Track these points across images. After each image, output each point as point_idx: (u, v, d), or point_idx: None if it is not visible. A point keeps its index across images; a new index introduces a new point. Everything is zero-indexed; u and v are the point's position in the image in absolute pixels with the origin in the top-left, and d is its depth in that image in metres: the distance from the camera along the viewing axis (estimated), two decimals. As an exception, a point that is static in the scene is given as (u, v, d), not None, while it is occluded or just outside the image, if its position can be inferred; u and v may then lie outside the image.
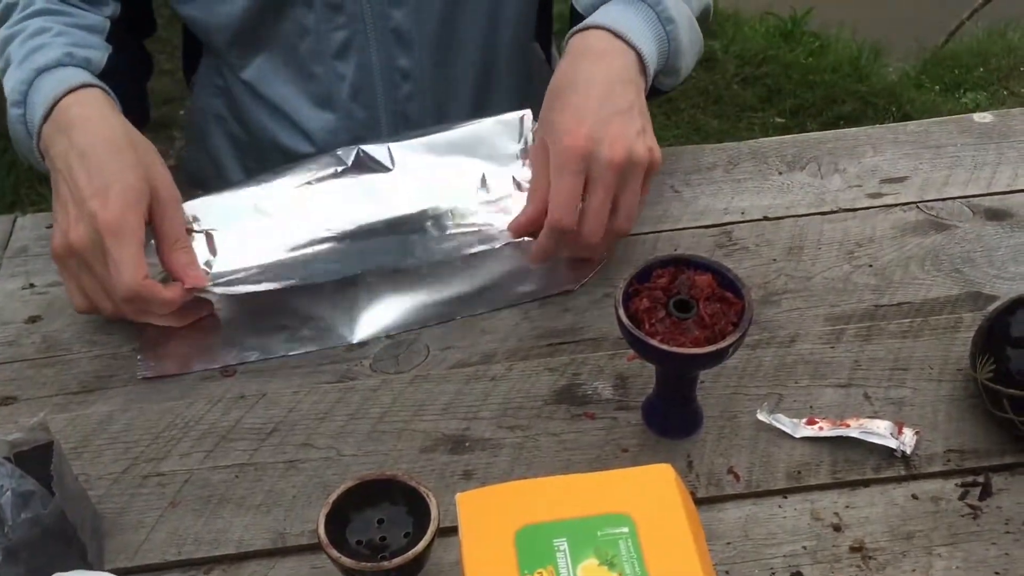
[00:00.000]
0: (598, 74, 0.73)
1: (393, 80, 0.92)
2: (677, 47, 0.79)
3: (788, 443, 0.65)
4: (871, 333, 0.71)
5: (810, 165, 0.86)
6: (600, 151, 0.69)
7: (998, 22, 3.18)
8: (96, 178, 0.69)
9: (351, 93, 0.92)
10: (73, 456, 0.65)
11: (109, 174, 0.69)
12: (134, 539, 0.61)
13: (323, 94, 0.93)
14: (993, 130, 0.88)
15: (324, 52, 0.90)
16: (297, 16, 0.88)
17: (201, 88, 1.00)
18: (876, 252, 0.77)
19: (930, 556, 0.58)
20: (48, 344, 0.73)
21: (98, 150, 0.71)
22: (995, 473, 0.62)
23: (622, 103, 0.72)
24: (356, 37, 0.89)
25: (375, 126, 0.94)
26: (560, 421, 0.67)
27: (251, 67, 0.93)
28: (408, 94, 0.93)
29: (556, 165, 0.70)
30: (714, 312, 0.59)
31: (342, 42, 0.89)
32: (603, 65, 0.74)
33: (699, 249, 0.78)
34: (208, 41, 0.94)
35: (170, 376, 0.71)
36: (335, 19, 0.88)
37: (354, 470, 0.64)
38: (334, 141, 0.94)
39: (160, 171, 0.72)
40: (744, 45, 2.91)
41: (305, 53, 0.90)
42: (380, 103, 0.93)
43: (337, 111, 0.93)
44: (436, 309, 0.74)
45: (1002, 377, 0.62)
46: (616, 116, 0.71)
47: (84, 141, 0.71)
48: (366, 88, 0.92)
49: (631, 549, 0.48)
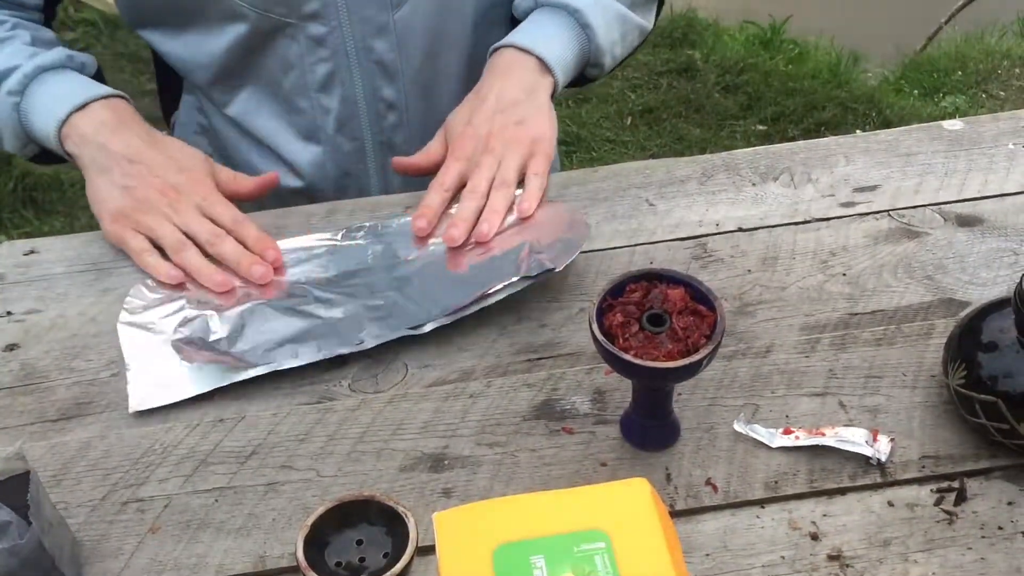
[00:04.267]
0: (496, 85, 0.86)
1: (378, 111, 0.93)
2: (597, 47, 0.91)
3: (765, 453, 0.65)
4: (845, 341, 0.72)
5: (783, 175, 0.87)
6: (479, 145, 0.84)
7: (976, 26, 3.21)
8: (175, 156, 0.83)
9: (336, 126, 0.92)
10: (52, 484, 0.65)
11: (183, 154, 0.84)
12: (114, 566, 0.61)
13: (309, 127, 0.93)
14: (963, 137, 0.89)
15: (308, 86, 0.90)
16: (280, 51, 0.89)
17: (182, 128, 1.00)
18: (849, 261, 0.78)
19: (907, 563, 0.59)
20: (26, 372, 0.73)
21: (158, 136, 0.85)
22: (970, 478, 0.63)
23: (507, 103, 0.85)
24: (340, 70, 0.89)
25: (362, 158, 0.95)
26: (539, 437, 0.67)
27: (235, 103, 0.94)
28: (393, 124, 0.94)
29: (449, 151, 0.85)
30: (687, 325, 0.60)
31: (326, 75, 0.90)
32: (504, 78, 0.87)
33: (674, 261, 0.79)
34: (191, 78, 0.94)
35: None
36: (318, 52, 0.88)
37: (334, 491, 0.64)
38: (321, 174, 0.95)
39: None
40: (724, 54, 2.93)
41: (289, 87, 0.91)
42: (366, 134, 0.93)
43: (323, 144, 0.93)
44: (425, 306, 0.74)
45: (974, 383, 0.62)
46: (498, 114, 0.85)
47: (144, 129, 0.84)
48: (351, 120, 0.92)
49: (607, 564, 0.48)
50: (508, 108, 0.85)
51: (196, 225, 0.80)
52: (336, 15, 0.86)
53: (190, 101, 0.98)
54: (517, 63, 0.87)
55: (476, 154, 0.83)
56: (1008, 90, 2.97)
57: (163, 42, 0.92)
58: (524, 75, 0.87)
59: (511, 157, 0.83)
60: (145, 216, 0.80)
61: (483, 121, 0.85)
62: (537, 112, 0.85)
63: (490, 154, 0.83)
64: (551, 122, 0.86)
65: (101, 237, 0.84)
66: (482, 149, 0.83)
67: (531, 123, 0.84)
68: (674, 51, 2.95)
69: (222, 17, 0.87)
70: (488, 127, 0.84)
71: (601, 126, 2.65)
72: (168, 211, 0.80)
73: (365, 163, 0.95)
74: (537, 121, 0.85)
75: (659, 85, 2.81)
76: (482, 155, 0.83)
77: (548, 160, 0.84)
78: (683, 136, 2.63)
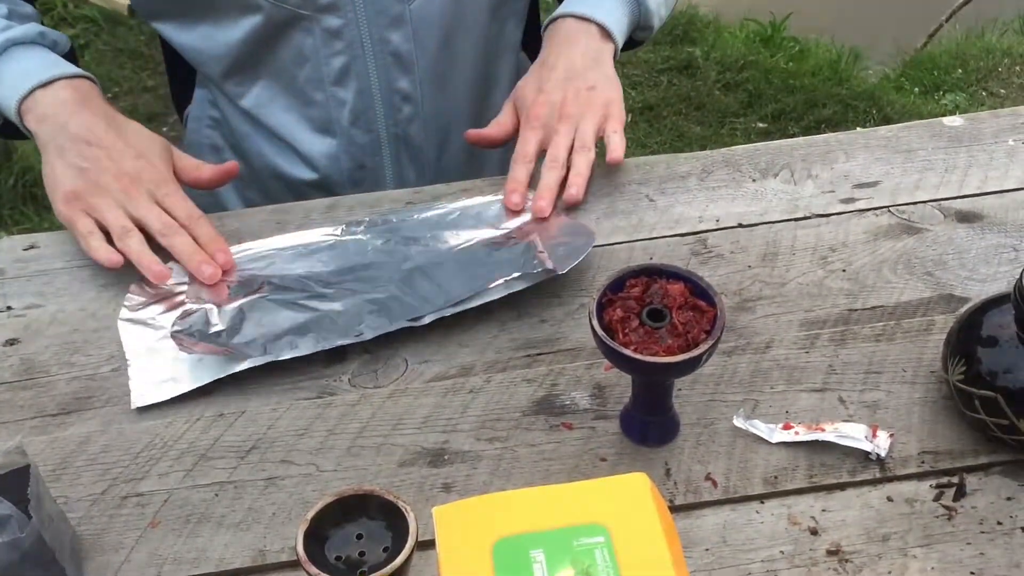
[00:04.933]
0: (563, 54, 0.88)
1: (393, 103, 0.92)
2: (647, 10, 0.94)
3: (764, 448, 0.65)
4: (845, 337, 0.72)
5: (783, 172, 0.87)
6: (553, 112, 0.85)
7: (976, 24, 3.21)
8: (133, 142, 0.82)
9: (351, 118, 0.92)
10: (52, 479, 0.65)
11: (142, 140, 0.83)
12: (114, 560, 0.61)
13: (323, 120, 0.93)
14: (963, 134, 0.89)
15: (323, 78, 0.90)
16: (295, 43, 0.88)
17: (196, 121, 1.00)
18: (849, 257, 0.78)
19: (906, 557, 0.59)
20: (26, 367, 0.73)
21: (119, 120, 0.83)
22: (969, 473, 0.63)
23: (577, 71, 0.87)
24: (355, 62, 0.89)
25: (377, 150, 0.95)
26: (538, 432, 0.67)
27: (250, 95, 0.93)
28: (408, 116, 0.93)
29: (523, 121, 0.86)
30: (687, 320, 0.60)
31: (341, 67, 0.89)
32: (569, 47, 0.89)
33: (674, 257, 0.79)
34: (205, 70, 0.94)
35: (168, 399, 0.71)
36: (334, 45, 0.88)
37: (334, 486, 0.64)
38: (335, 166, 0.95)
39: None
40: (725, 51, 2.93)
41: (304, 80, 0.91)
42: (381, 127, 0.93)
43: (338, 136, 0.93)
44: (425, 298, 0.74)
45: (973, 378, 0.62)
46: (569, 81, 0.87)
47: (106, 111, 0.83)
48: (366, 112, 0.92)
49: (607, 558, 0.48)
50: (578, 75, 0.87)
51: (148, 214, 0.79)
52: (352, 7, 0.86)
53: (202, 95, 0.98)
54: (579, 31, 0.89)
55: (552, 121, 0.85)
56: (1009, 88, 2.97)
57: (178, 33, 0.91)
58: (588, 42, 0.89)
59: (588, 121, 0.84)
60: (96, 199, 0.78)
61: (555, 88, 0.86)
62: (605, 77, 0.87)
63: (567, 120, 0.84)
64: (619, 86, 0.89)
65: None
66: (557, 116, 0.85)
67: (602, 88, 0.86)
68: (675, 48, 2.94)
69: (237, 8, 0.86)
70: (561, 94, 0.86)
71: (602, 123, 2.64)
72: (121, 197, 0.78)
73: (380, 155, 0.95)
74: (607, 86, 0.87)
75: (659, 82, 2.81)
76: (558, 122, 0.85)
77: (622, 121, 0.86)
78: (683, 133, 2.63)
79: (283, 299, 0.76)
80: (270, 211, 0.86)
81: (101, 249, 0.78)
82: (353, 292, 0.76)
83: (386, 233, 0.81)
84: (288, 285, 0.77)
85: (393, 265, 0.78)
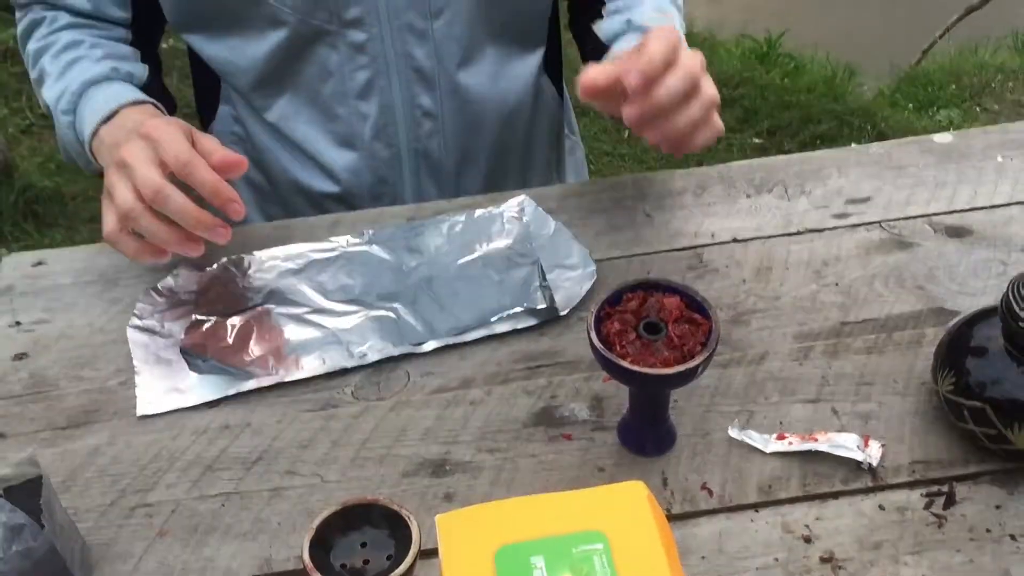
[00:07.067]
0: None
1: (415, 118, 0.94)
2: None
3: (759, 458, 0.66)
4: (838, 349, 0.73)
5: (777, 188, 0.88)
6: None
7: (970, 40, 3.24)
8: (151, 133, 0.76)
9: (373, 132, 0.94)
10: (62, 489, 0.67)
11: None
12: (123, 569, 0.62)
13: (346, 134, 0.94)
14: (953, 150, 0.91)
15: (347, 93, 0.92)
16: (320, 59, 0.90)
17: (219, 136, 1.01)
18: (842, 271, 0.80)
19: (897, 564, 0.60)
20: (35, 380, 0.75)
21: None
22: (959, 483, 0.65)
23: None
24: (379, 77, 0.91)
25: (397, 164, 0.96)
26: (538, 443, 0.69)
27: (274, 108, 0.95)
28: (429, 132, 0.95)
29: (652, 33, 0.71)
30: (683, 333, 0.62)
31: (365, 82, 0.91)
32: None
33: (671, 272, 0.81)
34: (232, 82, 0.96)
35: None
36: (358, 59, 0.90)
37: (338, 496, 0.66)
38: (357, 180, 0.97)
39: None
40: (720, 67, 2.95)
41: (328, 94, 0.92)
42: (402, 142, 0.95)
43: (360, 150, 0.95)
44: (429, 324, 0.76)
45: (962, 389, 0.64)
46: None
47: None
48: (388, 127, 0.94)
49: (605, 564, 0.49)
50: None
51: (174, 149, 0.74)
52: (376, 22, 0.87)
53: (226, 111, 0.99)
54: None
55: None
56: (1002, 103, 3.00)
57: (207, 45, 0.93)
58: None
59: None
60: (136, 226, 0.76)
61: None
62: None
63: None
64: None
65: (108, 248, 0.86)
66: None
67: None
68: (671, 65, 2.96)
69: (264, 22, 0.88)
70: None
71: (599, 139, 2.67)
72: (150, 152, 0.75)
73: (400, 170, 0.97)
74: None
75: (656, 99, 2.82)
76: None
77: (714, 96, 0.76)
78: (680, 149, 2.65)
79: (290, 313, 0.77)
80: (273, 227, 0.88)
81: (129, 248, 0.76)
82: (359, 305, 0.78)
83: (390, 243, 0.83)
84: (295, 299, 0.79)
85: (398, 280, 0.80)
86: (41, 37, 0.91)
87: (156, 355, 0.75)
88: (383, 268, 0.81)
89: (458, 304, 0.78)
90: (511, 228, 0.84)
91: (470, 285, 0.79)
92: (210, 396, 0.72)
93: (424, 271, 0.80)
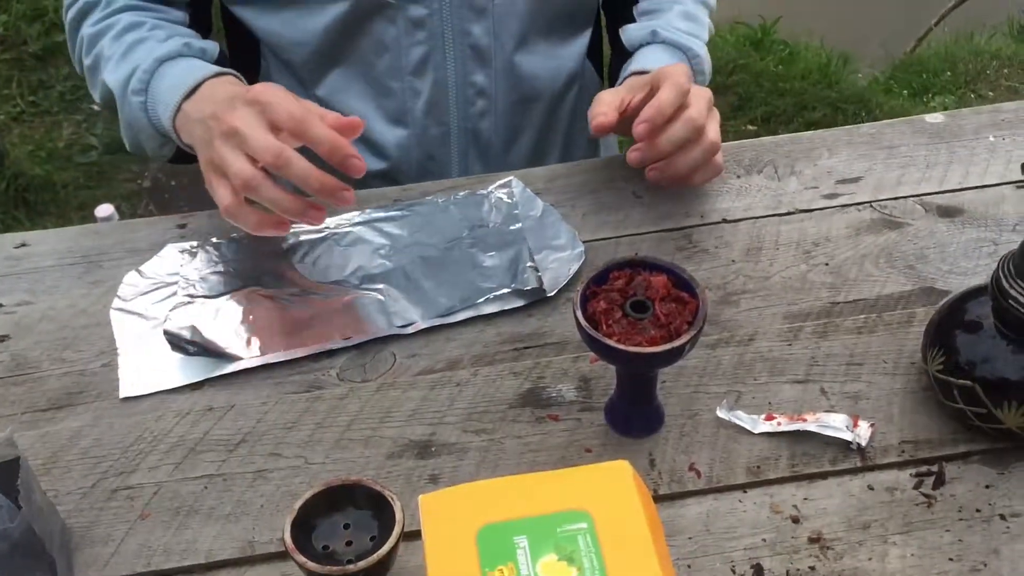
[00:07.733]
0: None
1: (467, 96, 0.93)
2: (699, 60, 0.94)
3: (747, 439, 0.66)
4: (827, 330, 0.73)
5: (767, 168, 0.88)
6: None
7: (965, 27, 3.23)
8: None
9: (426, 109, 0.93)
10: (42, 472, 0.66)
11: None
12: (103, 552, 0.62)
13: (398, 110, 0.93)
14: (944, 130, 0.90)
15: (402, 68, 0.91)
16: (377, 32, 0.89)
17: None
18: (832, 251, 0.79)
19: (886, 544, 0.60)
20: (17, 363, 0.74)
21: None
22: (948, 462, 0.64)
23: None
24: (435, 53, 0.90)
25: (446, 142, 0.95)
26: (525, 424, 0.68)
27: (325, 83, 0.93)
28: (481, 111, 0.94)
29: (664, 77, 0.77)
30: (669, 312, 0.61)
31: (420, 58, 0.90)
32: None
33: (660, 252, 0.80)
34: (284, 55, 0.94)
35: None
36: (416, 35, 0.89)
37: (322, 478, 0.65)
38: (405, 157, 0.95)
39: None
40: (714, 54, 2.93)
41: (382, 69, 0.91)
42: (452, 120, 0.94)
43: (411, 127, 0.94)
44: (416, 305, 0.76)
45: (952, 368, 0.63)
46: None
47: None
48: (440, 104, 0.93)
49: (589, 544, 0.49)
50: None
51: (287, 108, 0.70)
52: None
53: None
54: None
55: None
56: (997, 90, 2.99)
57: (259, 17, 0.91)
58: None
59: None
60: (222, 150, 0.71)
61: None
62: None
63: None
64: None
65: (91, 230, 0.85)
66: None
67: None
68: (665, 52, 2.95)
69: None
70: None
71: (592, 126, 2.66)
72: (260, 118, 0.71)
73: (449, 148, 0.96)
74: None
75: (650, 85, 2.82)
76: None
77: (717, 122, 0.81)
78: (674, 136, 2.64)
79: (274, 295, 0.76)
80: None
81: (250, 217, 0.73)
82: (344, 290, 0.77)
83: (376, 225, 0.82)
84: (280, 281, 0.78)
85: (384, 261, 0.79)
86: (97, 21, 0.87)
87: (139, 337, 0.74)
88: (369, 250, 0.80)
89: (445, 285, 0.77)
90: (499, 209, 0.83)
91: (457, 266, 0.78)
92: (194, 378, 0.71)
93: (411, 252, 0.80)
